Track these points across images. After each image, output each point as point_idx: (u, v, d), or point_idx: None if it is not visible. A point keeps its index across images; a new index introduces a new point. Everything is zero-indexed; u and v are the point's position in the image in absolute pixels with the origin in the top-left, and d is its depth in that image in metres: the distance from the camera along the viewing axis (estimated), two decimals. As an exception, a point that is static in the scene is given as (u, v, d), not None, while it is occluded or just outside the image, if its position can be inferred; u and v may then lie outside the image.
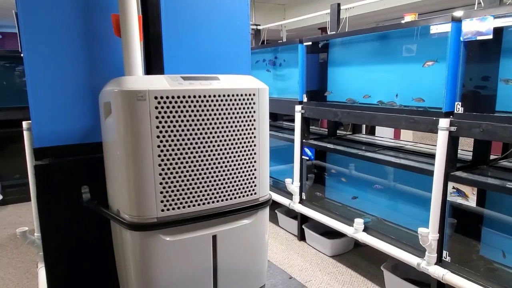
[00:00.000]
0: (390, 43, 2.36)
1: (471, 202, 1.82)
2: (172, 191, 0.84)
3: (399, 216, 2.46)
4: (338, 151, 2.69)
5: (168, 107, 0.82)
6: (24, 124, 1.52)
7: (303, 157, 2.91)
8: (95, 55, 1.11)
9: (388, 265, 2.37)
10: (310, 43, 2.79)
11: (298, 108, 2.84)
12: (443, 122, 1.86)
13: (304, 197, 2.98)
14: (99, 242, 1.06)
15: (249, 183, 0.94)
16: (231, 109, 0.89)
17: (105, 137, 0.97)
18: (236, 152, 0.92)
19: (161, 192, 0.83)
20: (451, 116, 1.88)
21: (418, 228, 1.94)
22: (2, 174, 4.02)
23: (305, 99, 2.84)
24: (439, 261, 1.99)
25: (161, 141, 0.82)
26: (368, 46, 2.49)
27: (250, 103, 0.92)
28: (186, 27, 1.25)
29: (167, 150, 0.83)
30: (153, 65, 1.11)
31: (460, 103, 1.84)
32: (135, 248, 0.84)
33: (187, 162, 0.85)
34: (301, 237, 3.08)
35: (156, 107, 0.81)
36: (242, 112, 0.91)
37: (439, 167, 1.90)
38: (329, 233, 2.87)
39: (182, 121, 0.83)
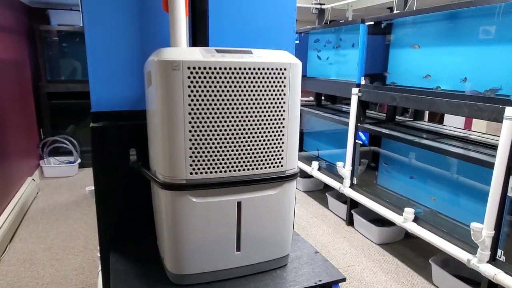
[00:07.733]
0: (462, 23, 2.17)
1: (535, 199, 1.66)
2: (201, 156, 0.90)
3: (454, 210, 2.31)
4: (390, 136, 2.58)
5: (200, 77, 0.87)
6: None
7: (356, 141, 2.85)
8: (146, 29, 1.20)
9: (438, 259, 2.27)
10: (373, 22, 2.67)
11: (355, 90, 2.76)
12: (510, 111, 1.70)
13: (355, 181, 2.93)
14: (142, 200, 1.18)
15: (276, 155, 0.97)
16: (261, 82, 0.92)
17: (147, 104, 1.06)
18: (265, 124, 0.95)
19: (190, 157, 0.89)
20: (520, 104, 1.71)
21: (471, 223, 1.82)
22: (81, 140, 4.48)
23: (363, 82, 2.75)
24: (492, 260, 1.85)
25: (192, 109, 0.88)
26: (437, 27, 2.31)
27: (281, 77, 0.94)
28: (231, 2, 1.30)
29: (197, 118, 0.88)
30: (198, 39, 1.18)
31: (531, 89, 1.66)
32: (167, 206, 0.92)
33: (215, 130, 0.90)
34: (350, 222, 3.04)
35: (189, 77, 0.87)
36: (272, 86, 0.93)
37: (501, 159, 1.75)
38: (379, 220, 2.80)
39: (213, 91, 0.88)
